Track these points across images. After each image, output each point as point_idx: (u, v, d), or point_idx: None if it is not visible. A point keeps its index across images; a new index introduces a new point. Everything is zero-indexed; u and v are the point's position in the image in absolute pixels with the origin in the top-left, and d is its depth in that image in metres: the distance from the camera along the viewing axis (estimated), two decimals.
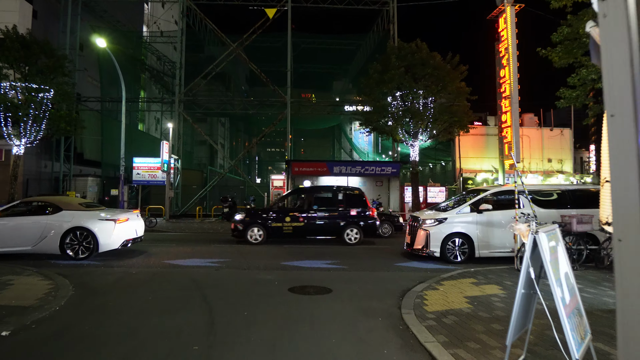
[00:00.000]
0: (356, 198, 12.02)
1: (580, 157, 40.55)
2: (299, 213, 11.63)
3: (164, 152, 19.44)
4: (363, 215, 11.65)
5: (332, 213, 11.67)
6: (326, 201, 12.04)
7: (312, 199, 12.09)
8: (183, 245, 10.99)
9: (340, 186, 13.67)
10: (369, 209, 11.80)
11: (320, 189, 13.76)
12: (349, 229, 11.49)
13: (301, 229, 11.47)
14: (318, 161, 21.34)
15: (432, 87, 16.50)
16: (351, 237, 11.48)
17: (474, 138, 22.63)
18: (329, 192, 12.84)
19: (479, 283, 6.68)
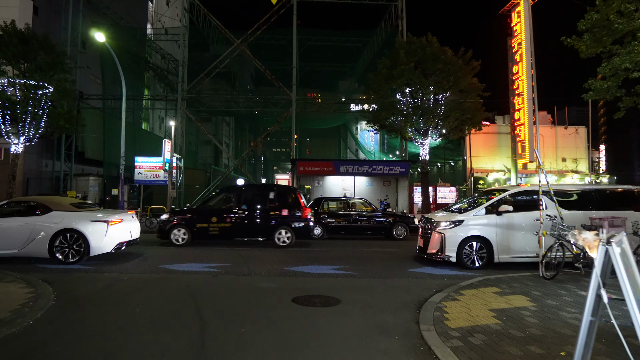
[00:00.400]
0: (289, 197, 11.34)
1: (590, 157, 39.63)
2: (226, 213, 10.95)
3: (166, 151, 18.93)
4: (295, 216, 10.95)
5: (262, 213, 11.02)
6: (257, 200, 11.33)
7: (241, 198, 11.38)
8: (181, 249, 10.41)
9: (272, 185, 13.09)
10: (303, 209, 11.06)
11: (250, 188, 13.11)
12: (280, 230, 10.81)
13: (228, 230, 10.81)
14: (324, 160, 20.75)
15: (443, 83, 15.81)
16: (282, 238, 10.81)
17: (485, 137, 21.90)
18: (260, 190, 12.29)
19: (503, 293, 6.01)
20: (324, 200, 13.54)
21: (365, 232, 13.27)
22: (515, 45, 20.39)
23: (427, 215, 9.38)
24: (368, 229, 13.16)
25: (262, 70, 21.15)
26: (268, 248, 10.66)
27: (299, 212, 10.98)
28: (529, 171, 21.30)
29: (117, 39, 27.03)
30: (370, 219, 13.11)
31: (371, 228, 13.14)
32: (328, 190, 21.71)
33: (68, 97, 17.36)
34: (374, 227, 13.11)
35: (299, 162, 19.23)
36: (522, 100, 19.93)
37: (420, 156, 17.32)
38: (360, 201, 13.98)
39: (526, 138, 19.66)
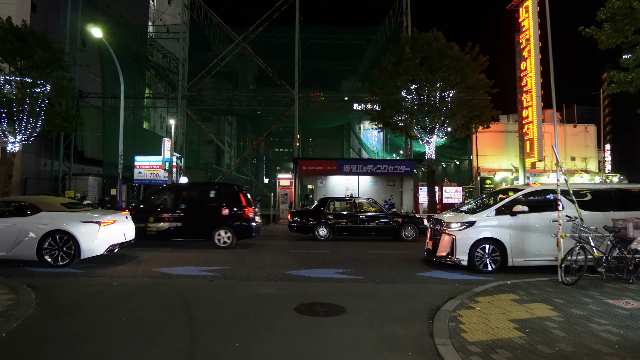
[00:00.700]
0: (230, 196, 10.84)
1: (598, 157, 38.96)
2: (164, 213, 10.51)
3: (166, 150, 18.54)
4: (236, 215, 10.48)
5: (201, 212, 10.62)
6: (196, 199, 10.93)
7: (180, 197, 10.89)
8: (179, 250, 10.00)
9: (213, 183, 12.62)
10: (244, 208, 10.57)
11: (190, 186, 12.55)
12: (219, 230, 10.35)
13: (165, 231, 10.37)
14: (327, 159, 20.32)
15: (450, 79, 15.33)
16: (222, 239, 10.36)
17: (492, 135, 21.39)
18: (200, 189, 11.79)
19: (522, 301, 5.54)
20: (330, 201, 13.10)
21: (373, 233, 12.83)
22: (523, 41, 19.86)
23: (437, 216, 8.92)
24: (375, 230, 12.71)
25: (264, 67, 20.73)
26: (270, 250, 10.22)
27: (239, 211, 10.51)
28: (537, 170, 20.78)
29: (117, 37, 26.69)
30: (378, 220, 12.66)
31: (379, 229, 12.70)
32: (331, 190, 21.27)
33: (66, 95, 16.99)
34: (382, 228, 12.66)
35: (301, 161, 18.79)
36: (530, 98, 19.41)
37: (426, 155, 16.84)
38: (367, 201, 13.53)
39: (535, 136, 19.13)
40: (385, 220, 12.65)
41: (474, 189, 20.95)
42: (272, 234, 14.44)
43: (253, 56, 20.65)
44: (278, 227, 16.61)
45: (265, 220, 19.25)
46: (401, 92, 16.35)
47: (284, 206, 18.91)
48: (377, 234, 12.92)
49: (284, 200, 18.88)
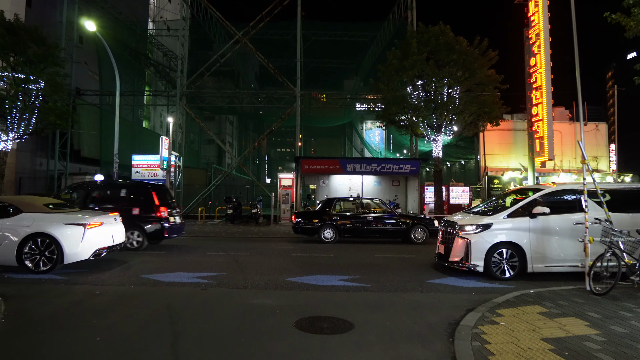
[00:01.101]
0: (142, 196, 10.19)
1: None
2: None
3: (163, 149, 17.99)
4: (146, 216, 9.82)
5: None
6: (106, 199, 10.22)
7: (89, 196, 10.20)
8: (173, 254, 9.41)
9: (124, 182, 11.95)
10: (156, 209, 9.91)
11: (100, 184, 11.83)
12: (128, 232, 9.51)
13: None
14: (330, 158, 19.72)
15: (458, 74, 14.70)
16: (132, 240, 9.66)
17: (500, 133, 20.74)
18: (109, 188, 11.12)
19: (551, 314, 4.93)
20: (336, 201, 12.49)
21: (381, 235, 12.22)
22: (532, 36, 19.21)
23: (449, 218, 8.30)
24: (384, 232, 12.10)
25: (265, 64, 20.15)
26: (271, 254, 9.63)
27: (151, 212, 9.87)
28: (547, 170, 20.13)
29: (116, 34, 26.17)
30: (386, 221, 12.05)
31: (387, 231, 12.08)
32: (334, 190, 20.66)
33: (60, 91, 16.43)
34: (391, 229, 12.05)
35: (303, 160, 18.19)
36: (540, 95, 18.75)
37: (432, 153, 16.22)
38: (375, 202, 12.93)
39: (545, 134, 18.48)
40: (393, 222, 12.05)
41: (481, 189, 20.30)
42: (273, 236, 13.86)
43: (254, 52, 20.07)
44: (279, 229, 16.03)
45: (266, 221, 18.68)
46: (407, 89, 15.73)
47: (286, 206, 18.32)
48: (385, 236, 12.30)
49: (285, 201, 18.28)
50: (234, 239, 12.90)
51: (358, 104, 64.05)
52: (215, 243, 11.76)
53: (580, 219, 7.15)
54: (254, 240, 12.62)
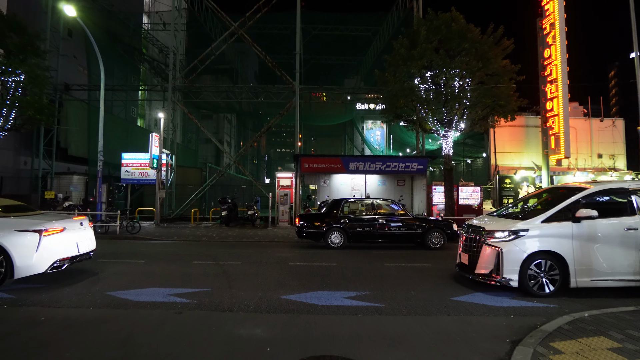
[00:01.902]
0: None
1: None
2: None
3: (154, 146, 16.84)
4: None
5: None
6: None
7: None
8: (154, 263, 8.24)
9: None
10: None
11: None
12: None
13: None
14: (331, 156, 18.57)
15: (471, 64, 13.52)
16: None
17: (511, 130, 19.58)
18: None
19: (626, 351, 3.76)
20: (344, 202, 11.30)
21: (394, 239, 11.04)
22: (547, 26, 18.04)
23: (474, 222, 7.11)
24: (397, 236, 10.91)
25: (262, 57, 18.98)
26: (266, 262, 8.45)
27: None
28: (561, 168, 18.96)
29: (107, 27, 25.08)
30: (401, 224, 10.88)
31: (401, 235, 10.90)
32: (335, 190, 19.50)
33: (41, 84, 15.27)
34: (405, 234, 10.87)
35: (303, 158, 17.02)
36: (555, 88, 17.59)
37: (442, 150, 15.03)
38: (387, 203, 11.78)
39: (561, 130, 17.31)
40: (408, 225, 10.88)
41: (492, 189, 19.13)
42: (270, 240, 12.68)
43: (250, 44, 18.90)
44: (277, 232, 14.86)
45: (263, 223, 17.51)
46: (414, 81, 14.56)
47: (284, 208, 17.15)
48: (398, 241, 11.12)
49: (283, 202, 17.11)
50: (227, 244, 11.73)
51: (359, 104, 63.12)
52: (206, 249, 10.59)
53: (634, 224, 6.03)
54: (248, 246, 11.45)
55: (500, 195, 18.89)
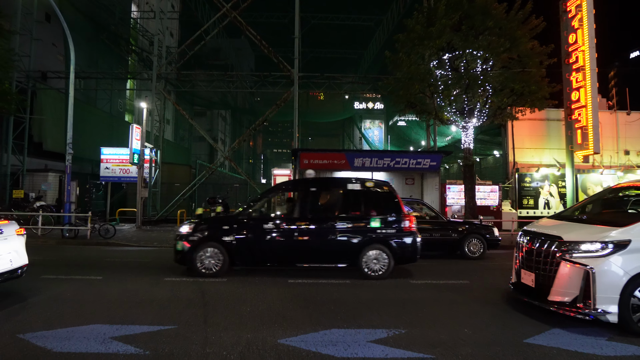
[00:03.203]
0: None
1: None
2: None
3: (134, 139, 14.96)
4: None
5: None
6: None
7: None
8: (113, 280, 6.37)
9: None
10: None
11: None
12: None
13: None
14: (335, 151, 16.78)
15: (497, 44, 11.73)
16: None
17: (531, 124, 17.86)
18: None
19: None
20: None
21: (427, 247, 9.24)
22: (572, 8, 16.29)
23: (536, 227, 5.30)
24: (430, 243, 9.08)
25: (257, 42, 17.15)
26: (258, 279, 6.60)
27: None
28: (586, 166, 17.22)
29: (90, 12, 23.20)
30: (433, 229, 9.13)
31: (434, 242, 9.13)
32: None
33: (4, 67, 13.40)
34: (438, 240, 9.11)
35: (302, 153, 15.18)
36: (582, 77, 15.84)
37: (462, 144, 13.24)
38: (416, 204, 10.09)
39: (589, 123, 15.57)
40: (442, 230, 9.11)
41: (510, 189, 17.38)
42: None
43: (244, 28, 17.06)
44: None
45: None
46: (430, 64, 12.77)
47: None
48: (431, 248, 9.32)
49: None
50: None
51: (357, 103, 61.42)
52: None
53: None
54: None
55: (519, 195, 17.14)
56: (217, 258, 6.63)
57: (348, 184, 7.21)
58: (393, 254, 6.71)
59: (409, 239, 6.81)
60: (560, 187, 17.29)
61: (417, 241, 6.85)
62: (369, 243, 6.71)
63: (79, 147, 19.99)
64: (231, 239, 6.68)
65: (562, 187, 17.26)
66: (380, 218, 6.81)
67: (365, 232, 6.74)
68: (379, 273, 6.65)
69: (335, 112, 53.55)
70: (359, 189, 7.15)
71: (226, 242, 6.66)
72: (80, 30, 23.09)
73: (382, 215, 6.85)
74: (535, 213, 17.06)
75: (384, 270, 6.67)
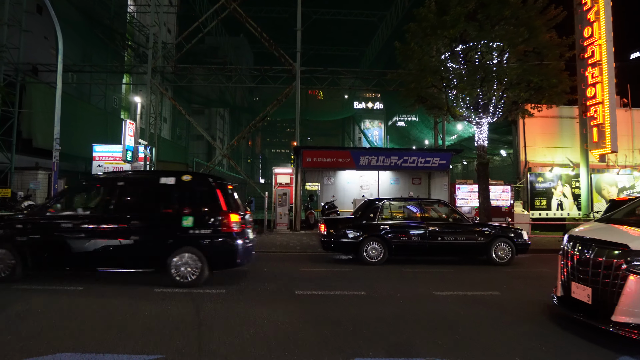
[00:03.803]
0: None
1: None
2: None
3: (127, 135, 14.16)
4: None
5: None
6: None
7: None
8: (95, 291, 5.57)
9: None
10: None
11: None
12: None
13: None
14: (339, 149, 16.03)
15: (514, 35, 10.96)
16: None
17: (543, 122, 17.11)
18: None
19: None
20: (384, 203, 8.69)
21: (451, 251, 8.56)
22: (587, 1, 15.58)
23: (591, 232, 4.52)
24: (455, 247, 8.39)
25: (258, 34, 16.36)
26: (261, 290, 5.80)
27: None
28: (600, 165, 16.50)
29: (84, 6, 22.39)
30: (457, 232, 8.38)
31: (459, 246, 8.38)
32: (341, 189, 16.95)
33: None
34: (464, 244, 8.35)
35: (305, 150, 14.41)
36: (598, 72, 15.12)
37: (475, 142, 12.47)
38: (439, 204, 9.35)
39: (606, 121, 14.85)
40: (467, 233, 8.37)
41: (522, 189, 16.63)
42: (267, 250, 10.05)
43: (244, 20, 16.27)
44: (275, 238, 12.24)
45: (258, 228, 14.89)
46: (441, 57, 11.99)
47: (282, 209, 14.51)
48: (455, 254, 8.67)
49: (282, 202, 14.48)
50: None
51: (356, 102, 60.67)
52: None
53: None
54: None
55: (531, 196, 16.40)
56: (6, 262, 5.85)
57: (161, 178, 6.31)
58: (207, 258, 5.86)
59: (227, 240, 5.95)
60: (573, 187, 16.56)
61: (238, 244, 6.00)
62: (179, 245, 5.86)
63: (72, 144, 19.18)
64: (24, 239, 5.89)
65: (575, 187, 16.54)
66: (194, 217, 5.92)
67: (175, 233, 5.89)
68: (190, 279, 5.80)
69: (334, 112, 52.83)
70: (172, 184, 6.17)
71: (18, 243, 5.87)
72: (73, 24, 22.26)
73: (197, 214, 5.96)
74: (548, 214, 16.33)
75: (196, 277, 5.82)
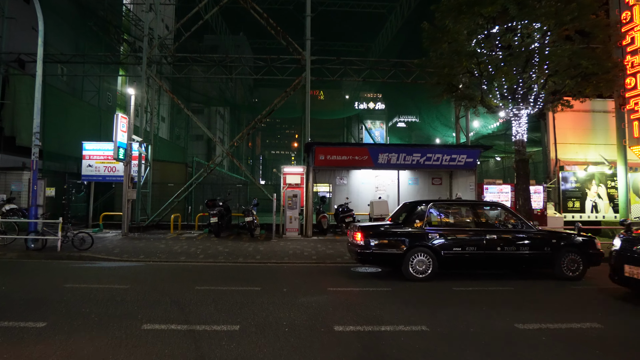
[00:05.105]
0: None
1: None
2: None
3: (119, 131, 12.68)
4: None
5: None
6: None
7: None
8: (60, 330, 4.09)
9: None
10: None
11: None
12: None
13: None
14: (356, 145, 14.64)
15: (563, 12, 9.53)
16: None
17: (574, 116, 15.69)
18: None
19: None
20: (431, 207, 7.28)
21: (511, 264, 7.07)
22: None
23: None
24: (517, 259, 6.94)
25: (263, 21, 14.94)
26: (281, 330, 4.34)
27: None
28: (635, 163, 15.06)
29: None
30: (520, 241, 6.93)
31: (522, 258, 6.93)
32: (355, 190, 15.51)
33: None
34: (527, 255, 6.92)
35: (318, 147, 12.92)
36: (639, 60, 13.73)
37: (513, 136, 11.01)
38: (493, 208, 7.94)
39: None
40: (531, 242, 6.94)
41: (553, 189, 15.19)
42: (278, 260, 8.58)
43: (248, 6, 14.82)
44: (286, 246, 10.76)
45: (265, 233, 13.43)
46: (473, 40, 10.56)
47: (293, 213, 13.02)
48: (516, 266, 7.17)
49: (292, 205, 12.99)
50: (214, 270, 7.63)
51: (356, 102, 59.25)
52: (179, 282, 6.47)
53: None
54: (247, 272, 7.35)
55: (563, 197, 14.97)
56: None
57: None
58: None
59: None
60: (608, 187, 15.15)
61: None
62: None
63: (62, 143, 17.69)
64: None
65: (611, 187, 15.12)
66: None
67: None
68: None
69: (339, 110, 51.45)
70: None
71: None
72: (64, 14, 20.80)
73: None
74: (582, 217, 14.90)
75: None
